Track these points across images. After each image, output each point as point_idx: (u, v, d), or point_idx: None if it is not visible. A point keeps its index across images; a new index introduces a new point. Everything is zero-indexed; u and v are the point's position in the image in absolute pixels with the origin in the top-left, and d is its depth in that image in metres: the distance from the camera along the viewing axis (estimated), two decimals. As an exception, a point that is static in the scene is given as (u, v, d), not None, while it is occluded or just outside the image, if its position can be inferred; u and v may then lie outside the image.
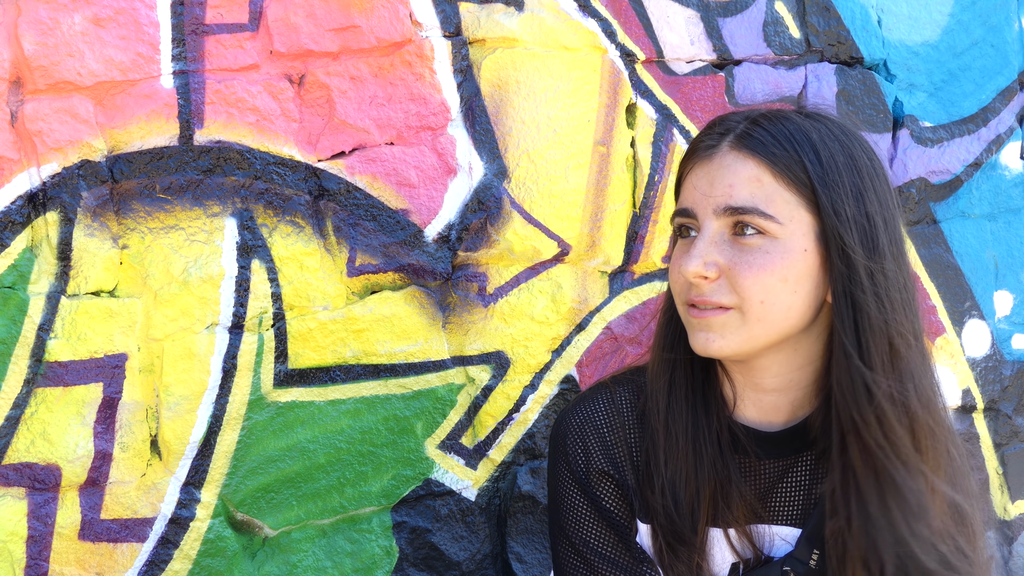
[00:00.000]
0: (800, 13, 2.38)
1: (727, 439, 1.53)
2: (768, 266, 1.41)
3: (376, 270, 1.99)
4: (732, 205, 1.42)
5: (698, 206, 1.46)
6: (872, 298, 1.41)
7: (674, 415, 1.53)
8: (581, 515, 1.61)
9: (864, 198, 1.43)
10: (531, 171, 2.10)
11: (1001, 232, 2.70)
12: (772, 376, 1.51)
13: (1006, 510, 2.75)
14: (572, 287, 2.17)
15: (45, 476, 1.76)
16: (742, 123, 1.47)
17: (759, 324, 1.43)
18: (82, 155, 1.74)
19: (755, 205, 1.41)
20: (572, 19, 2.13)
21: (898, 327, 1.43)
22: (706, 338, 1.44)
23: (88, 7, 1.73)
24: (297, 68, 1.91)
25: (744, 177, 1.42)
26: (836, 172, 1.42)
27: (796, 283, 1.42)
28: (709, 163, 1.46)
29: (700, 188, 1.46)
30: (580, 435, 1.60)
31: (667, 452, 1.53)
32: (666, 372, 1.56)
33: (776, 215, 1.41)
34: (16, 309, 1.71)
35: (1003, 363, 2.71)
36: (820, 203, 1.41)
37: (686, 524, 1.53)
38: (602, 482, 1.60)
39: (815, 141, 1.43)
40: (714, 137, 1.48)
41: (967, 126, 2.62)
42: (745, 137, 1.44)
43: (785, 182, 1.41)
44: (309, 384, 1.95)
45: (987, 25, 2.62)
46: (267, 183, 1.89)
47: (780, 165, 1.42)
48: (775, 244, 1.41)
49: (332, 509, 1.99)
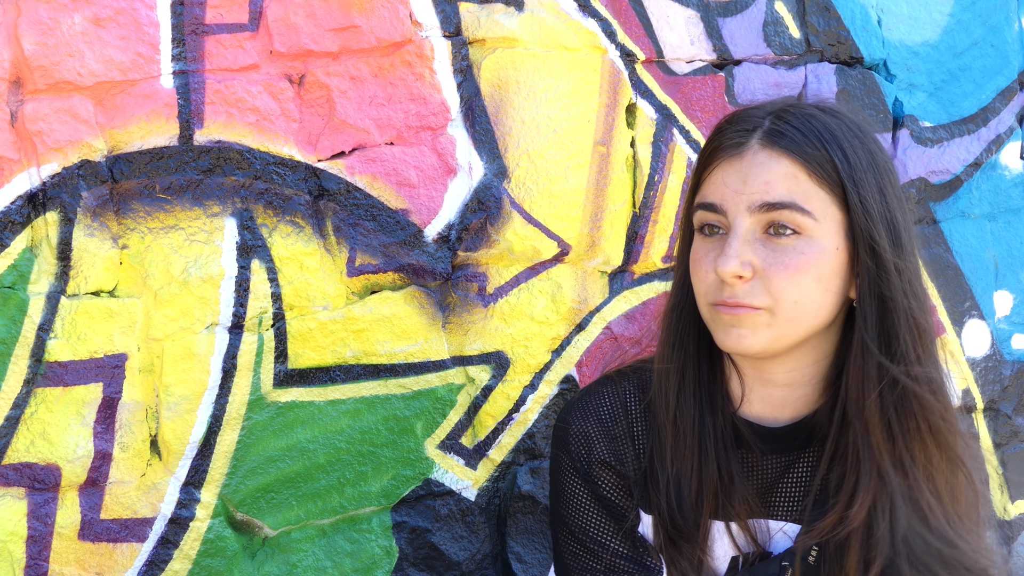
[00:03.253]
0: (800, 13, 2.38)
1: (731, 435, 1.54)
2: (804, 266, 1.41)
3: (376, 270, 1.99)
4: (769, 201, 1.41)
5: (728, 203, 1.44)
6: (901, 294, 1.43)
7: (682, 412, 1.54)
8: (582, 504, 1.61)
9: (886, 194, 1.44)
10: (531, 171, 2.10)
11: (1001, 232, 2.70)
12: (786, 371, 1.52)
13: (1006, 510, 2.75)
14: (572, 287, 2.17)
15: (45, 476, 1.76)
16: (767, 119, 1.46)
17: (790, 323, 1.43)
18: (82, 155, 1.74)
19: (793, 200, 1.41)
20: (572, 19, 2.13)
21: (926, 322, 1.45)
22: (738, 335, 1.44)
23: (88, 7, 1.72)
24: (297, 68, 1.91)
25: (780, 174, 1.42)
26: (861, 169, 1.43)
27: (828, 282, 1.43)
28: (740, 160, 1.45)
29: (731, 185, 1.44)
30: (582, 425, 1.61)
31: (674, 449, 1.54)
32: (676, 371, 1.56)
33: (812, 211, 1.41)
34: (16, 309, 1.71)
35: (1003, 363, 2.71)
36: (850, 200, 1.42)
37: (688, 519, 1.54)
38: (603, 472, 1.60)
39: (840, 139, 1.44)
40: (741, 134, 1.46)
41: (967, 126, 2.62)
42: (775, 134, 1.44)
43: (818, 180, 1.42)
44: (309, 384, 1.95)
45: (987, 25, 2.62)
46: (267, 183, 1.89)
47: (813, 163, 1.42)
48: (810, 243, 1.42)
49: (332, 509, 1.99)
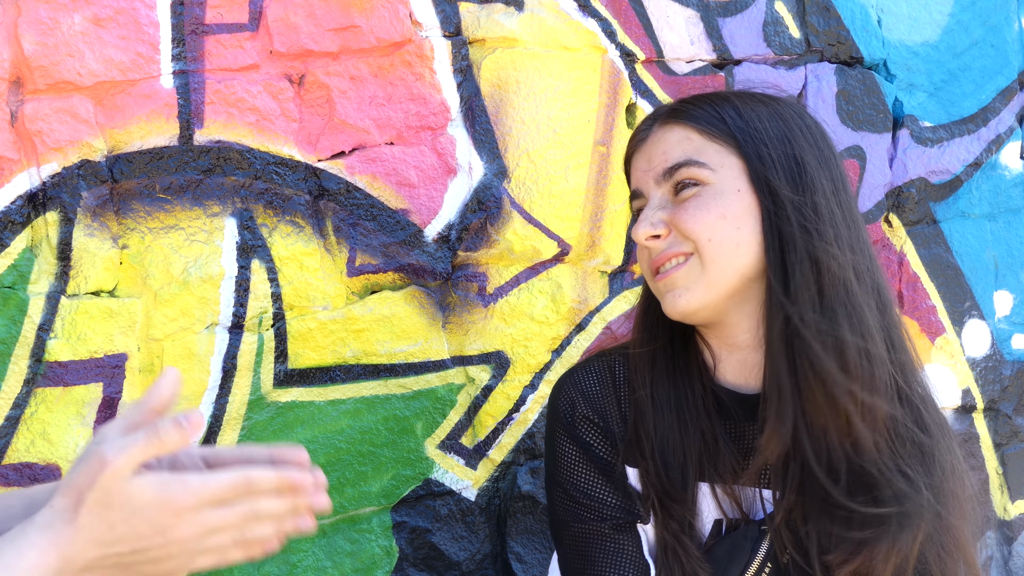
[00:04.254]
0: (800, 13, 2.38)
1: (712, 403, 1.59)
2: (703, 206, 1.51)
3: (376, 270, 1.99)
4: (668, 165, 1.55)
5: (642, 183, 1.60)
6: (799, 230, 1.49)
7: (658, 388, 1.61)
8: (572, 461, 1.67)
9: (792, 143, 1.53)
10: (531, 171, 2.10)
11: (1001, 232, 2.70)
12: (743, 332, 1.57)
13: (1006, 510, 2.75)
14: (572, 287, 2.17)
15: (45, 476, 1.76)
16: (667, 106, 1.62)
17: (714, 265, 1.51)
18: (82, 155, 1.74)
19: (687, 157, 1.53)
20: (572, 19, 2.13)
21: (831, 260, 1.49)
22: (673, 297, 1.53)
23: (88, 7, 1.73)
24: (297, 68, 1.91)
25: (674, 141, 1.55)
26: (758, 121, 1.53)
27: (737, 220, 1.51)
28: (645, 144, 1.60)
29: (641, 167, 1.60)
30: (569, 389, 1.69)
31: (656, 422, 1.60)
32: (648, 352, 1.64)
33: (707, 162, 1.53)
34: (16, 309, 1.71)
35: (1003, 363, 2.71)
36: (743, 147, 1.52)
37: (676, 483, 1.59)
38: (587, 427, 1.66)
39: (735, 102, 1.56)
40: (646, 124, 1.61)
41: (967, 126, 2.62)
42: (670, 113, 1.58)
43: (710, 135, 1.54)
44: (309, 384, 1.95)
45: (987, 25, 2.62)
46: (267, 183, 1.89)
47: (703, 122, 1.54)
48: (708, 189, 1.52)
49: (332, 509, 1.99)
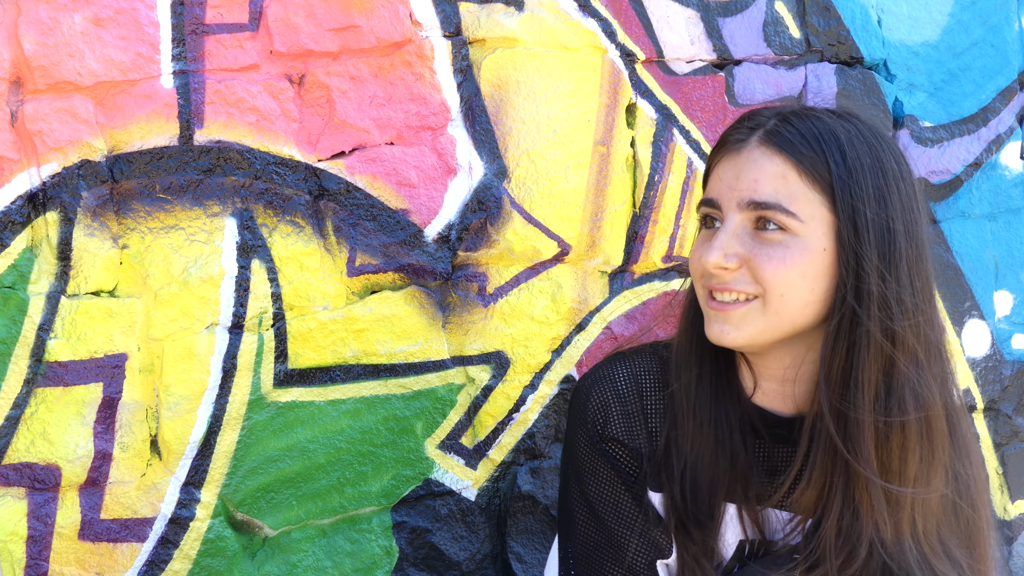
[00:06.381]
0: (800, 13, 2.38)
1: (747, 422, 1.57)
2: (788, 260, 1.44)
3: (376, 270, 1.99)
4: (755, 200, 1.45)
5: (723, 198, 1.49)
6: (877, 304, 1.43)
7: (701, 403, 1.57)
8: (599, 474, 1.62)
9: (887, 202, 1.45)
10: (531, 171, 2.10)
11: (1001, 232, 2.70)
12: (784, 367, 1.54)
13: (1006, 510, 2.75)
14: (572, 287, 2.17)
15: (45, 476, 1.76)
16: (772, 119, 1.50)
17: (776, 317, 1.46)
18: (82, 155, 1.74)
19: (778, 201, 1.44)
20: (572, 19, 2.13)
21: (903, 334, 1.44)
22: (721, 329, 1.48)
23: (88, 7, 1.72)
24: (297, 68, 1.91)
25: (769, 173, 1.45)
26: (860, 173, 1.44)
27: (814, 280, 1.45)
28: (737, 156, 1.49)
29: (726, 180, 1.49)
30: (601, 397, 1.63)
31: (693, 435, 1.56)
32: (696, 362, 1.59)
33: (798, 213, 1.44)
34: (16, 309, 1.71)
35: (1003, 363, 2.71)
36: (838, 204, 1.43)
37: (703, 506, 1.56)
38: (615, 447, 1.62)
39: (842, 141, 1.45)
40: (744, 131, 1.50)
41: (967, 126, 2.62)
42: (774, 134, 1.47)
43: (809, 181, 1.44)
44: (309, 384, 1.95)
45: (987, 25, 2.62)
46: (267, 183, 1.89)
47: (806, 163, 1.44)
48: (795, 240, 1.44)
49: (332, 509, 1.99)
